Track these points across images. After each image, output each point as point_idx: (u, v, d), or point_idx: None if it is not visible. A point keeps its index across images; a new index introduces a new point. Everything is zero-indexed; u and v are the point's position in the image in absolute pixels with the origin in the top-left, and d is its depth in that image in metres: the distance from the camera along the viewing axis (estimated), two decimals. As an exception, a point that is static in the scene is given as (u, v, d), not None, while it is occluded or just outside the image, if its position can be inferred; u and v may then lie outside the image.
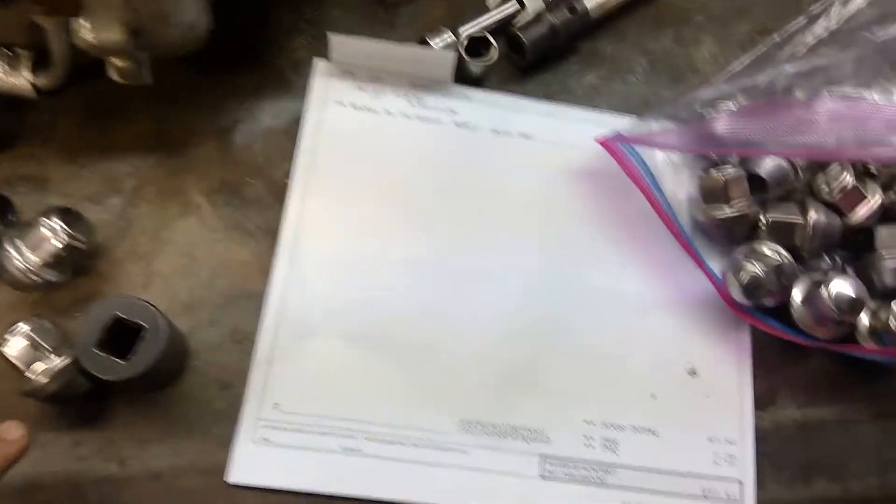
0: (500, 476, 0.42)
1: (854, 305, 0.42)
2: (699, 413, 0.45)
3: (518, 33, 0.48)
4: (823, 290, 0.43)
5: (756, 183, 0.46)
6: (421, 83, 0.48)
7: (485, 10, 0.50)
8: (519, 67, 0.51)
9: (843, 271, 0.46)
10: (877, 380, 0.47)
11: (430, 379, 0.43)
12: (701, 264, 0.45)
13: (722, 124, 0.44)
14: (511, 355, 0.44)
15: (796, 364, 0.46)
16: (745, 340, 0.46)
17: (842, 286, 0.42)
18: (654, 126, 0.46)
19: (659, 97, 0.51)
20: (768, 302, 0.44)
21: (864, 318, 0.45)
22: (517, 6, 0.50)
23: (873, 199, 0.46)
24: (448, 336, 0.44)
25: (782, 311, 0.45)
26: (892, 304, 0.44)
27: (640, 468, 0.43)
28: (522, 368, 0.44)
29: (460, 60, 0.47)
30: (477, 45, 0.48)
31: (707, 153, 0.46)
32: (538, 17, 0.49)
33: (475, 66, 0.47)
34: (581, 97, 0.51)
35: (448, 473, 0.41)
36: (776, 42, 0.50)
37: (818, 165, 0.47)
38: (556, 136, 0.49)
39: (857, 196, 0.45)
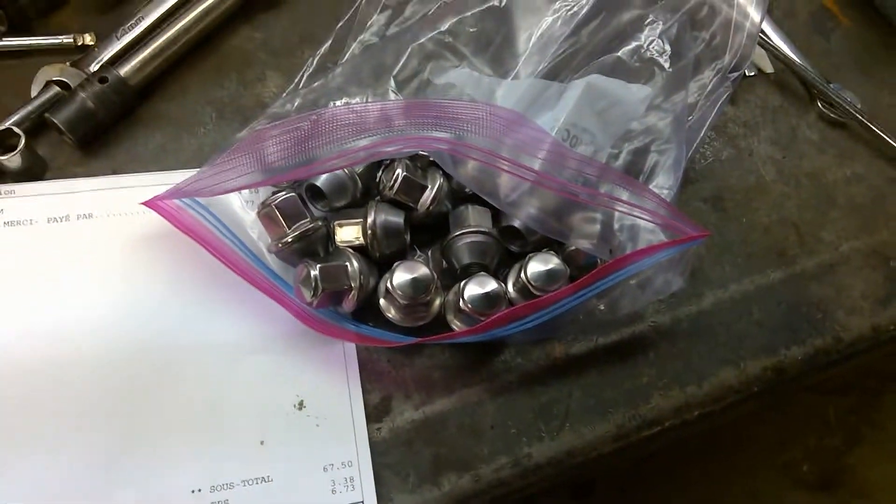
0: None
1: (417, 286, 0.42)
2: (311, 445, 0.43)
3: (49, 117, 0.47)
4: (388, 278, 0.42)
5: (322, 195, 0.46)
6: (-41, 193, 0.46)
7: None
8: (79, 148, 0.49)
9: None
10: (490, 358, 0.46)
11: (7, 496, 0.39)
12: (278, 296, 0.44)
13: (265, 152, 0.44)
14: (95, 446, 0.41)
15: (405, 366, 0.45)
16: (352, 356, 0.45)
17: (402, 273, 0.42)
18: (205, 173, 0.45)
19: (231, 141, 0.50)
20: (348, 305, 0.43)
21: (452, 302, 0.45)
22: (59, 90, 0.49)
23: (434, 186, 0.46)
24: (22, 445, 0.41)
25: (380, 316, 0.45)
26: (461, 283, 0.44)
27: (256, 522, 0.41)
28: (112, 456, 0.41)
29: (-10, 158, 0.45)
30: (7, 139, 0.46)
31: (259, 186, 0.46)
32: (72, 95, 0.48)
33: (7, 160, 0.45)
34: (150, 162, 0.50)
35: None
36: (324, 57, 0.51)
37: (379, 165, 0.47)
38: (119, 208, 0.47)
39: (412, 187, 0.46)
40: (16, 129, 0.46)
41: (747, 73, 0.58)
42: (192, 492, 0.41)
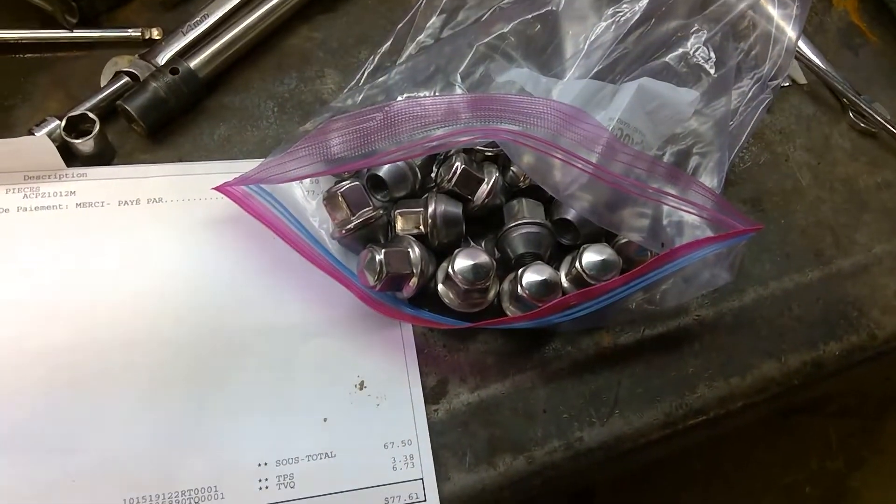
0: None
1: (478, 271, 0.44)
2: (372, 423, 0.44)
3: (122, 104, 0.49)
4: (448, 264, 0.44)
5: (383, 185, 0.48)
6: (34, 174, 0.48)
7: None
8: (147, 136, 0.51)
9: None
10: (541, 345, 0.48)
11: (83, 466, 0.41)
12: (341, 278, 0.46)
13: (333, 143, 0.46)
14: (168, 418, 0.43)
15: (460, 351, 0.47)
16: (409, 340, 0.47)
17: (463, 259, 0.44)
18: (273, 161, 0.47)
19: (293, 134, 0.52)
20: (407, 291, 0.45)
21: (508, 290, 0.47)
22: (128, 80, 0.51)
23: (491, 180, 0.48)
24: (98, 417, 0.42)
25: (436, 303, 0.46)
26: (519, 270, 0.45)
27: (320, 496, 0.42)
28: (183, 428, 0.43)
29: (66, 142, 0.47)
30: (81, 124, 0.48)
31: (326, 174, 0.47)
32: (143, 84, 0.49)
33: (81, 143, 0.47)
34: (215, 151, 0.51)
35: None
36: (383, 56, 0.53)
37: (434, 159, 0.49)
38: (188, 193, 0.49)
39: (470, 179, 0.47)
40: (91, 115, 0.47)
41: (782, 84, 0.60)
42: (259, 465, 0.42)
